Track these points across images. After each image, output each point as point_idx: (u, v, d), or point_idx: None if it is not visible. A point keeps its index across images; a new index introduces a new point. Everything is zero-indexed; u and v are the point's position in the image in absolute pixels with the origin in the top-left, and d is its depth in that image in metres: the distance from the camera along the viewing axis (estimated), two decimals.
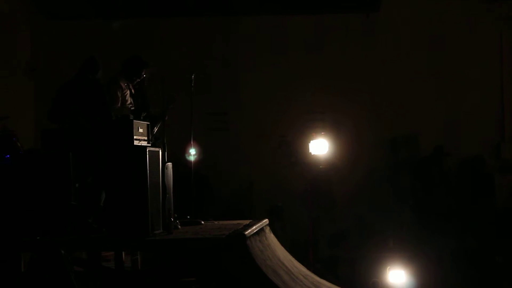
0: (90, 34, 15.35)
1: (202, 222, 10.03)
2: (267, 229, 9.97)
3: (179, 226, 9.31)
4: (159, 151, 8.65)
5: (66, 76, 9.22)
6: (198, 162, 10.32)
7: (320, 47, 15.57)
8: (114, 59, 9.65)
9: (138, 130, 8.54)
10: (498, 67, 15.82)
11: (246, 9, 15.44)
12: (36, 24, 15.71)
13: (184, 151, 10.39)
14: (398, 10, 15.60)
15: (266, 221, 10.16)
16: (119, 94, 9.29)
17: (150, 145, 8.69)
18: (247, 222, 9.94)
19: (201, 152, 10.70)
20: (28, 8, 15.63)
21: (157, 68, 9.80)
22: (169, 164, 9.17)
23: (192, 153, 14.37)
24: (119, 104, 9.26)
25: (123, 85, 9.37)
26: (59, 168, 8.72)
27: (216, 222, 10.40)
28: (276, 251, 9.53)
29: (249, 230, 8.62)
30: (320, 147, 13.75)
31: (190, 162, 10.20)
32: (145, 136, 8.68)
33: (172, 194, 9.11)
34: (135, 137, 8.43)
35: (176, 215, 9.37)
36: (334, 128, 14.95)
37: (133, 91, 9.56)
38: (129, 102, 9.41)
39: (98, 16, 15.55)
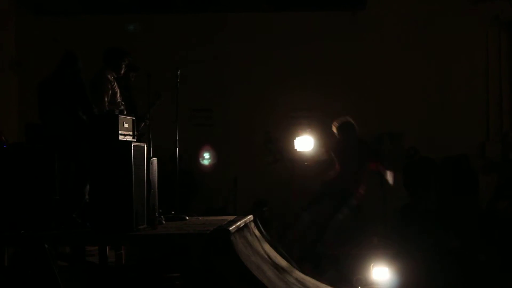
0: (76, 29, 15.30)
1: (187, 218, 10.04)
2: (252, 225, 10.00)
3: (164, 222, 9.32)
4: (144, 146, 8.65)
5: (51, 71, 9.19)
6: (183, 157, 10.29)
7: (306, 44, 15.56)
8: (99, 54, 9.63)
9: (124, 125, 8.52)
10: (484, 66, 15.84)
11: (233, 6, 15.45)
12: (21, 19, 15.65)
13: (168, 146, 10.34)
14: (384, 9, 15.60)
15: (250, 217, 10.18)
16: (109, 87, 9.27)
17: (135, 140, 8.69)
18: (231, 218, 9.96)
19: (186, 149, 10.66)
20: (14, 3, 15.58)
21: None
22: (154, 160, 9.18)
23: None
24: (109, 98, 9.25)
25: (111, 77, 9.35)
26: (44, 162, 8.72)
27: (200, 218, 10.42)
28: (260, 247, 9.55)
29: (234, 226, 8.62)
30: (305, 144, 13.75)
31: (175, 157, 10.18)
32: (130, 131, 8.66)
33: (156, 189, 9.12)
34: (120, 132, 8.41)
35: (160, 211, 9.38)
36: (320, 125, 14.97)
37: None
38: (118, 94, 9.39)
39: (84, 11, 15.52)
